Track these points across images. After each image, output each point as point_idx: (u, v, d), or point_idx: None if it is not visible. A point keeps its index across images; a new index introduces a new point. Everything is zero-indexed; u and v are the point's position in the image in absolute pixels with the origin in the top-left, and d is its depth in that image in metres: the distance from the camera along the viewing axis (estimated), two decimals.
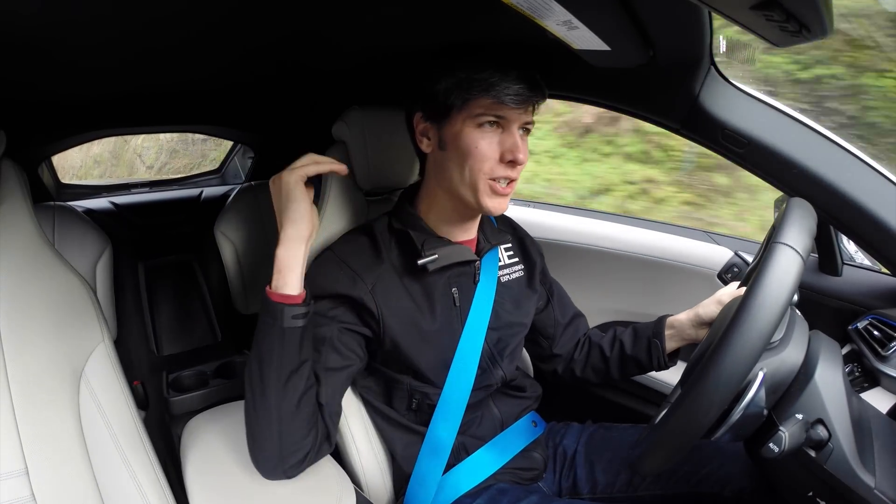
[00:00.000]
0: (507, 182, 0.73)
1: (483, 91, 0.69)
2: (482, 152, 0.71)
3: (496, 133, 0.72)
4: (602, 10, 0.57)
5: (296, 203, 0.69)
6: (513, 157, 0.71)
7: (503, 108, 0.70)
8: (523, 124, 0.73)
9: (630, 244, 1.28)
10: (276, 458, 0.68)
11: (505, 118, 0.71)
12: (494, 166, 0.71)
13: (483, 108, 0.70)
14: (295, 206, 0.69)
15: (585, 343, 0.98)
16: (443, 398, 0.79)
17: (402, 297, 0.77)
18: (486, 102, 0.70)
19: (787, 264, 0.50)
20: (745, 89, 0.81)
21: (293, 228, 0.68)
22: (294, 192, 0.69)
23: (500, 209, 0.74)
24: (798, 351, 0.58)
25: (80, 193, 1.93)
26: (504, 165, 0.72)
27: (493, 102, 0.69)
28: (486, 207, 0.73)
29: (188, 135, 5.30)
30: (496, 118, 0.71)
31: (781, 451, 0.54)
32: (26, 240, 0.75)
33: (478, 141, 0.71)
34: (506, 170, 0.72)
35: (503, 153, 0.71)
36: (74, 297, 0.76)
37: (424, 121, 0.76)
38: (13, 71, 0.77)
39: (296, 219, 0.68)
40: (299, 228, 0.68)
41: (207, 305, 1.84)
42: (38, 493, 0.63)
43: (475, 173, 0.71)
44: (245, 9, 0.64)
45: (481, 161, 0.71)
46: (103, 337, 0.77)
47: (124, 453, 0.72)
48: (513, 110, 0.70)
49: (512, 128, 0.72)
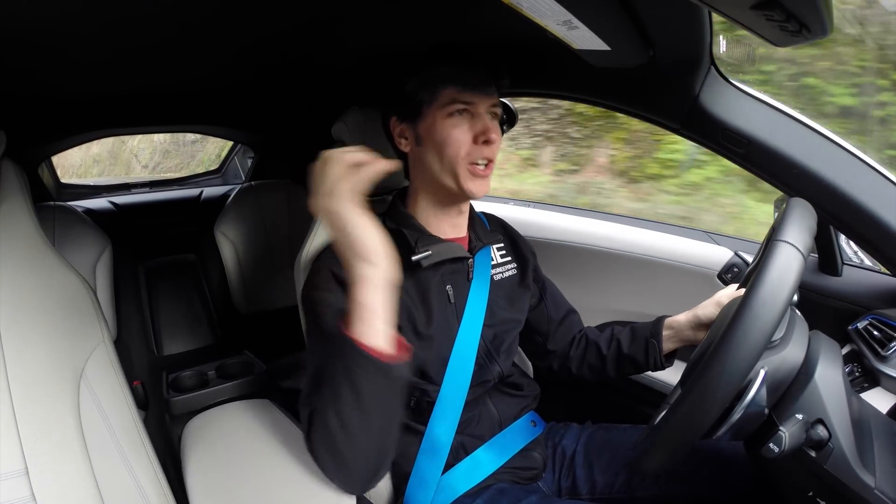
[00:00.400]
0: (485, 163, 0.77)
1: (446, 81, 0.75)
2: (456, 139, 0.75)
3: (466, 120, 0.77)
4: (602, 9, 0.57)
5: (362, 235, 0.57)
6: (486, 137, 0.75)
7: (467, 94, 0.76)
8: (490, 108, 0.78)
9: (630, 244, 1.28)
10: (373, 472, 0.65)
11: (472, 103, 0.76)
12: (470, 150, 0.76)
13: (450, 98, 0.75)
14: (362, 239, 0.57)
15: (582, 340, 0.98)
16: (441, 395, 0.80)
17: (401, 295, 0.77)
18: (451, 92, 0.75)
19: (789, 261, 0.50)
20: (746, 89, 0.81)
21: (370, 270, 0.58)
22: (353, 220, 0.57)
23: (482, 191, 0.78)
24: (798, 350, 0.58)
25: (80, 193, 1.93)
26: (479, 147, 0.76)
27: (458, 90, 0.75)
28: (469, 191, 0.77)
29: (179, 137, 5.98)
30: (464, 105, 0.76)
31: (781, 451, 0.54)
32: (26, 240, 0.75)
33: (450, 129, 0.76)
34: (481, 150, 0.76)
35: (476, 136, 0.76)
36: (74, 297, 0.76)
37: (400, 122, 0.81)
38: (10, 66, 0.77)
39: (370, 259, 0.58)
40: (377, 271, 0.58)
41: (207, 305, 1.84)
42: (38, 493, 0.63)
43: (453, 159, 0.76)
44: (242, 1, 0.64)
45: (457, 147, 0.75)
46: (103, 337, 0.77)
47: (124, 453, 0.72)
48: (477, 95, 0.76)
49: (480, 112, 0.77)
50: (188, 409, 1.44)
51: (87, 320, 0.76)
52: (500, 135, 0.79)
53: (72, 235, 1.45)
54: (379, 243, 0.58)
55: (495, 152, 0.78)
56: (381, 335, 0.59)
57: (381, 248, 0.59)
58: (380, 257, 0.58)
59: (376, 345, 0.59)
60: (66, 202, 1.65)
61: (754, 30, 0.52)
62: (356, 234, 0.58)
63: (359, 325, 0.59)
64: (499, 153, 0.80)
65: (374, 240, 0.58)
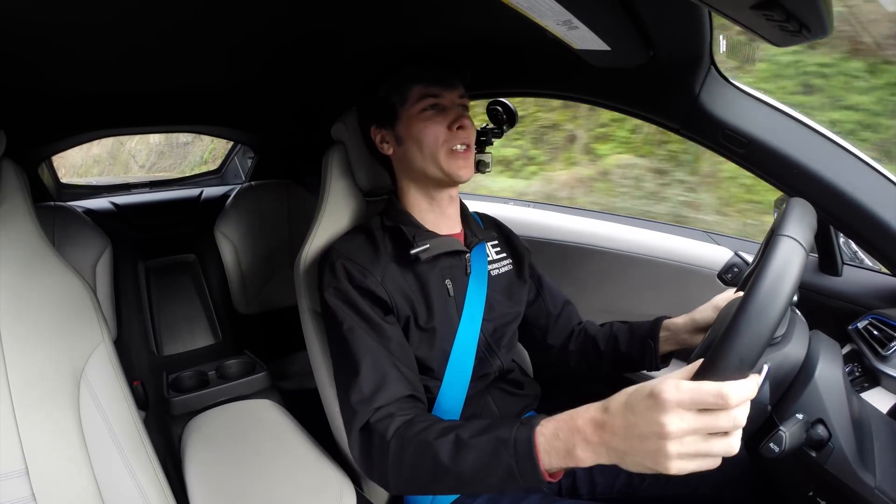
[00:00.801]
0: (464, 147, 0.82)
1: (413, 81, 0.81)
2: (433, 130, 0.81)
3: (439, 113, 0.82)
4: (602, 9, 0.57)
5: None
6: (459, 123, 0.81)
7: (435, 88, 0.81)
8: (458, 100, 0.83)
9: (630, 244, 1.28)
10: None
11: (441, 98, 0.82)
12: (447, 137, 0.81)
13: (420, 94, 0.81)
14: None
15: (581, 333, 0.98)
16: (443, 389, 0.80)
17: (405, 289, 0.80)
18: (419, 88, 0.81)
19: (790, 254, 0.50)
20: (746, 89, 0.81)
21: (631, 461, 0.49)
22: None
23: (466, 173, 0.82)
24: (799, 349, 0.58)
25: (80, 193, 1.93)
26: (454, 132, 0.81)
27: (424, 87, 0.81)
28: (453, 172, 0.81)
29: (172, 139, 6.55)
30: (434, 100, 0.81)
31: (782, 451, 0.54)
32: (26, 240, 0.75)
33: (426, 122, 0.81)
34: (457, 135, 0.81)
35: (450, 124, 0.81)
36: (74, 297, 0.76)
37: (379, 129, 0.86)
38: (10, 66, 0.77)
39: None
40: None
41: (207, 305, 1.84)
42: (38, 493, 0.63)
43: (433, 148, 0.81)
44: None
45: (435, 137, 0.81)
46: (103, 337, 0.77)
47: (124, 453, 0.72)
48: (443, 89, 0.82)
49: (448, 104, 0.82)
50: (188, 409, 1.43)
51: (87, 320, 0.76)
52: (472, 123, 0.84)
53: (72, 235, 1.45)
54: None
55: (471, 137, 0.83)
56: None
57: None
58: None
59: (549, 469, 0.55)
60: (66, 202, 1.65)
61: (754, 30, 0.52)
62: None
63: (563, 459, 0.54)
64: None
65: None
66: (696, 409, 0.45)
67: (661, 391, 0.46)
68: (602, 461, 0.51)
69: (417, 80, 0.81)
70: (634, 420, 0.48)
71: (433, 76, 0.82)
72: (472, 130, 0.84)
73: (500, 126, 1.03)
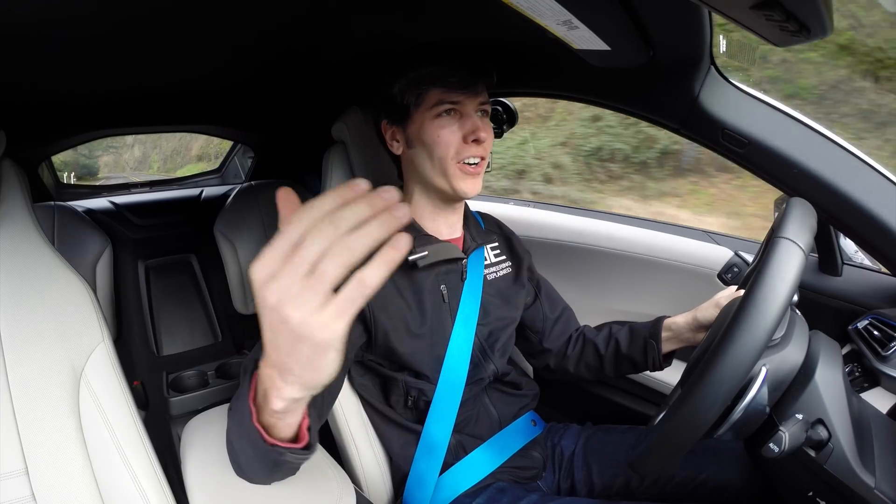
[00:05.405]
0: (476, 162, 0.77)
1: (431, 83, 0.75)
2: (445, 139, 0.75)
3: (455, 119, 0.76)
4: (602, 9, 0.57)
5: (333, 358, 0.38)
6: (475, 136, 0.75)
7: (454, 94, 0.75)
8: (479, 107, 0.78)
9: (630, 244, 1.28)
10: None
11: (459, 103, 0.76)
12: (460, 149, 0.76)
13: (436, 99, 0.75)
14: (329, 360, 0.38)
15: (579, 339, 0.98)
16: (437, 394, 0.80)
17: (394, 296, 0.78)
18: (437, 93, 0.75)
19: (789, 257, 0.50)
20: (746, 89, 0.81)
21: (317, 378, 0.40)
22: (336, 344, 0.37)
23: (474, 190, 0.78)
24: (799, 350, 0.58)
25: (80, 193, 1.93)
26: (469, 146, 0.76)
27: (443, 91, 0.75)
28: (461, 190, 0.77)
29: (164, 140, 6.46)
30: (451, 105, 0.76)
31: (782, 451, 0.54)
32: (26, 240, 0.75)
33: (439, 130, 0.76)
34: (471, 149, 0.76)
35: (465, 135, 0.76)
36: (74, 297, 0.76)
37: (390, 126, 0.81)
38: (10, 68, 0.77)
39: (326, 371, 0.39)
40: (319, 380, 0.40)
41: (207, 305, 1.84)
42: (38, 493, 0.63)
43: (443, 160, 0.76)
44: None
45: (446, 147, 0.76)
46: (103, 337, 0.77)
47: (124, 453, 0.72)
48: (463, 95, 0.76)
49: (468, 111, 0.77)
50: (188, 409, 1.43)
51: (87, 320, 0.76)
52: (490, 133, 0.79)
53: (72, 235, 1.45)
54: (337, 368, 0.39)
55: (486, 150, 0.78)
56: (291, 429, 0.52)
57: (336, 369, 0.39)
58: (329, 376, 0.40)
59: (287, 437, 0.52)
60: (66, 202, 1.66)
61: (754, 30, 0.52)
62: (328, 353, 0.37)
63: (273, 418, 0.49)
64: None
65: (337, 362, 0.38)
66: (278, 265, 0.37)
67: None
68: (289, 391, 0.42)
69: (436, 82, 0.75)
70: (270, 335, 0.39)
71: (455, 80, 0.75)
72: (490, 142, 0.78)
73: (500, 126, 1.03)
